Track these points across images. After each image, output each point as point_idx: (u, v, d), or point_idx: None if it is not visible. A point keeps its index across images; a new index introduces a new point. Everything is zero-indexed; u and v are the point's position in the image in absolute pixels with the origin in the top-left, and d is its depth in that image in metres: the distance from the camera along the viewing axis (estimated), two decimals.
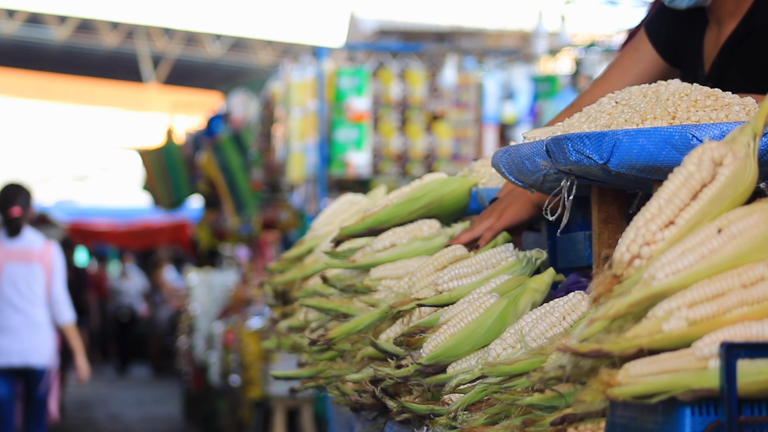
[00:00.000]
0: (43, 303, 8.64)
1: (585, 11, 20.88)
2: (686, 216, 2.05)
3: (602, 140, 2.39)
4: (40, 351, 8.55)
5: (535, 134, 2.93)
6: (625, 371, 1.91)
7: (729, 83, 2.89)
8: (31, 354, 8.53)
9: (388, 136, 10.09)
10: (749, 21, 3.01)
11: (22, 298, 8.60)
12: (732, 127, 2.30)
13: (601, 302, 2.01)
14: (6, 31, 23.23)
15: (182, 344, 15.83)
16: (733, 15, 3.04)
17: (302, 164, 10.15)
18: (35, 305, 8.63)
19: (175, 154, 17.77)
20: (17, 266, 8.59)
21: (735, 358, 1.85)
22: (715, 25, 3.10)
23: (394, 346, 2.86)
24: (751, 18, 3.01)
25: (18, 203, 8.57)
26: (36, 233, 8.87)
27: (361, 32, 17.81)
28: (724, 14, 3.06)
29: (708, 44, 3.12)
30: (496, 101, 10.01)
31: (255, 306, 12.02)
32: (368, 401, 3.00)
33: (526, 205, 3.15)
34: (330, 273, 3.45)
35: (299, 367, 3.63)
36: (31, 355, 8.53)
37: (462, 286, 2.92)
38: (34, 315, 8.61)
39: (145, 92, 26.92)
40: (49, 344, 8.65)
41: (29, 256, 8.63)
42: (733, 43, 3.02)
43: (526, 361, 2.42)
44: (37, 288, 8.62)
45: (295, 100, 10.21)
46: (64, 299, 8.75)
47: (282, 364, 10.00)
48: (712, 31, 3.11)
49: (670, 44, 3.22)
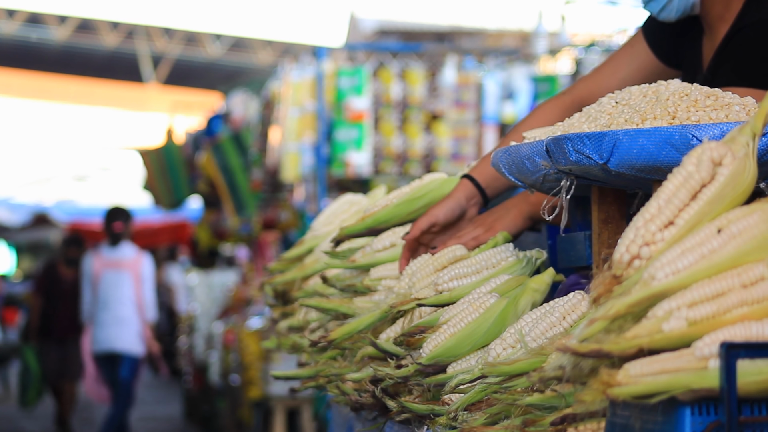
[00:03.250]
0: (131, 303, 11.01)
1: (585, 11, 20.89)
2: (686, 216, 2.05)
3: (602, 140, 2.39)
4: (123, 341, 10.97)
5: (535, 134, 2.93)
6: (625, 371, 1.91)
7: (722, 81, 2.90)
8: (115, 342, 10.98)
9: (388, 135, 10.09)
10: (740, 22, 3.02)
11: (113, 298, 11.04)
12: (732, 127, 2.30)
13: (601, 302, 2.01)
14: (6, 31, 23.23)
15: (182, 344, 15.83)
16: (723, 18, 3.06)
17: (297, 164, 10.14)
18: (123, 305, 11.01)
19: (175, 154, 17.76)
20: (111, 273, 11.07)
21: (735, 358, 1.85)
22: (708, 30, 3.11)
23: (394, 346, 2.86)
24: (741, 19, 3.02)
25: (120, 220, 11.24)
26: (131, 246, 11.31)
27: (361, 32, 17.81)
28: (715, 19, 3.07)
29: (705, 49, 3.13)
30: (496, 101, 10.00)
31: (255, 306, 12.02)
32: (368, 401, 3.00)
33: (516, 219, 3.16)
34: (330, 273, 3.45)
35: (299, 367, 3.63)
36: (115, 343, 10.98)
37: (462, 286, 2.92)
38: (121, 312, 11.00)
39: (145, 92, 26.93)
40: (133, 336, 11.04)
41: (121, 265, 11.10)
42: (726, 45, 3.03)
43: (526, 361, 2.42)
44: (126, 291, 11.00)
45: (293, 99, 10.21)
46: (150, 301, 11.23)
47: (282, 364, 10.01)
48: (707, 36, 3.12)
49: (666, 47, 3.23)
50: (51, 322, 13.38)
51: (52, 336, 13.35)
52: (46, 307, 13.47)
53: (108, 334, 11.03)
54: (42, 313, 13.51)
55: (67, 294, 13.25)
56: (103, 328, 11.07)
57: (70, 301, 13.11)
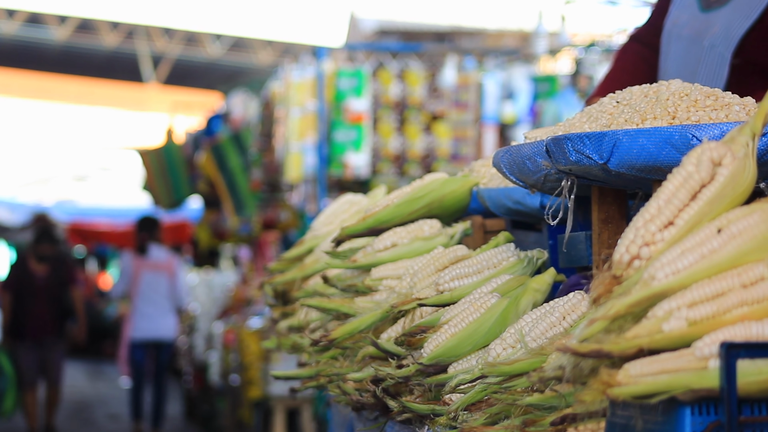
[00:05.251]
0: (167, 297, 13.07)
1: (585, 11, 20.87)
2: (685, 216, 2.05)
3: (602, 140, 2.39)
4: (164, 329, 13.08)
5: (536, 134, 2.93)
6: (625, 371, 1.91)
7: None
8: (159, 331, 13.04)
9: (386, 136, 10.09)
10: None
11: (154, 293, 13.05)
12: (732, 127, 2.30)
13: (601, 303, 2.01)
14: (6, 31, 23.23)
15: (182, 344, 15.83)
16: None
17: (300, 164, 10.15)
18: (162, 298, 13.07)
19: (175, 154, 17.75)
20: (149, 273, 13.05)
21: (735, 358, 1.86)
22: None
23: (395, 345, 2.87)
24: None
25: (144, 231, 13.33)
26: (162, 250, 13.42)
27: (361, 32, 17.80)
28: None
29: None
30: (495, 101, 10.00)
31: (255, 306, 12.02)
32: (369, 401, 3.01)
33: None
34: (331, 273, 3.45)
35: (299, 367, 3.63)
36: (159, 332, 13.05)
37: (463, 286, 2.92)
38: (161, 305, 13.06)
39: (145, 92, 26.92)
40: (172, 326, 13.21)
41: (157, 267, 13.12)
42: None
43: (526, 361, 2.42)
44: (162, 288, 13.04)
45: (294, 100, 10.21)
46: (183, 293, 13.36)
47: (282, 364, 10.02)
48: None
49: None
50: (24, 321, 12.60)
51: (26, 337, 12.59)
52: (18, 305, 12.63)
53: (150, 324, 13.07)
54: (12, 312, 12.66)
55: (40, 291, 12.64)
56: (147, 319, 13.07)
57: (44, 299, 12.60)
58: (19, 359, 12.64)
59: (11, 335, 12.75)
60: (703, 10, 3.61)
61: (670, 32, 3.75)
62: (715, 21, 3.57)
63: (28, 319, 12.63)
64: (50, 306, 12.64)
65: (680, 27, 3.71)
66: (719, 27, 3.55)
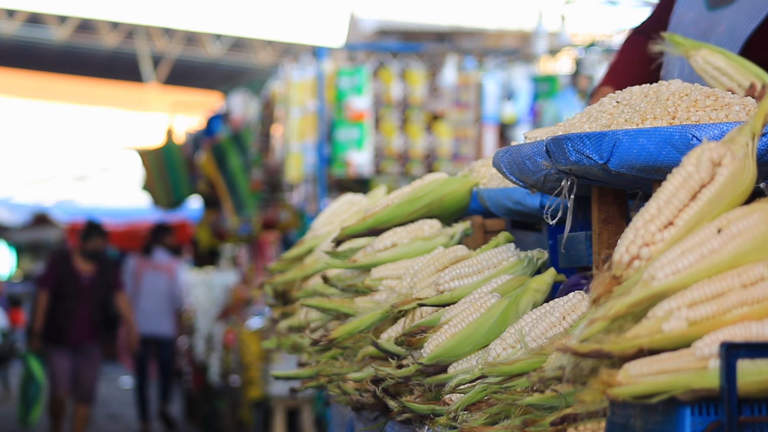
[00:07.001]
0: (166, 297, 14.02)
1: (585, 11, 20.87)
2: (685, 216, 2.05)
3: (602, 140, 2.39)
4: (163, 326, 14.02)
5: (536, 134, 2.93)
6: (625, 371, 1.91)
7: None
8: (158, 327, 13.95)
9: (389, 135, 10.09)
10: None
11: (154, 293, 13.96)
12: (732, 127, 2.30)
13: (601, 303, 2.01)
14: (6, 31, 23.23)
15: (182, 344, 15.82)
16: None
17: (301, 164, 10.15)
18: (161, 297, 13.98)
19: (174, 154, 17.75)
20: (151, 273, 14.02)
21: (735, 358, 1.86)
22: None
23: (396, 345, 2.87)
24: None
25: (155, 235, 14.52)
26: (165, 253, 14.32)
27: (361, 32, 17.80)
28: None
29: None
30: (496, 101, 10.00)
31: (255, 306, 12.01)
32: (369, 401, 3.01)
33: None
34: (331, 273, 3.45)
35: (299, 367, 3.63)
36: (158, 328, 13.96)
37: (463, 285, 2.92)
38: (160, 304, 13.94)
39: (145, 92, 26.93)
40: (170, 323, 14.12)
41: (158, 268, 14.08)
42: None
43: (526, 361, 2.42)
44: (162, 287, 13.97)
45: (294, 99, 10.21)
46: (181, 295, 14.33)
47: (282, 364, 10.01)
48: None
49: None
50: (64, 325, 11.32)
51: (64, 342, 11.34)
52: (58, 307, 11.33)
53: (150, 321, 13.90)
54: (51, 314, 11.36)
55: (85, 293, 11.41)
56: (147, 315, 13.86)
57: (89, 302, 11.42)
58: (52, 366, 11.48)
59: (45, 339, 11.46)
60: (710, 9, 3.61)
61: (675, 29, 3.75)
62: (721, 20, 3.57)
63: (69, 322, 11.36)
64: (94, 310, 11.48)
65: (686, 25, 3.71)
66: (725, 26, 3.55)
